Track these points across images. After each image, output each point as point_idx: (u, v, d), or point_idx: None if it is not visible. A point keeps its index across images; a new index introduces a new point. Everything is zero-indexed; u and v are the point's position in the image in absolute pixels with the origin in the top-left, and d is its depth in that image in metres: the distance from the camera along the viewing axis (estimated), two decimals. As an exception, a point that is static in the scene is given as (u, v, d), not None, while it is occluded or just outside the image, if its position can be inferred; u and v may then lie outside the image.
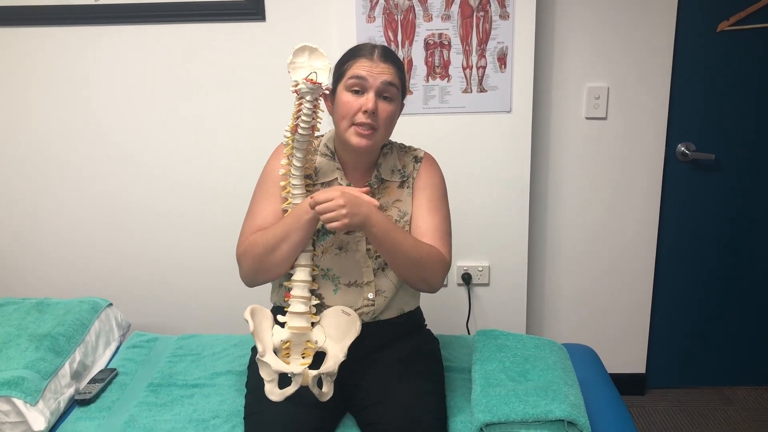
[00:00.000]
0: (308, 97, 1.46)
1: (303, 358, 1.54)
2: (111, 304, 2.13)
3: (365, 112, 1.50)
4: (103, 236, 2.50)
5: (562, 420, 1.47)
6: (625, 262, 2.57)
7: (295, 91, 1.47)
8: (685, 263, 2.61)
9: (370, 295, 1.62)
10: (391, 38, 2.25)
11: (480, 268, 2.47)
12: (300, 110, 1.48)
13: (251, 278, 1.60)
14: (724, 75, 2.41)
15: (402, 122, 1.80)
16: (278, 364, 1.47)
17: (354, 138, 1.52)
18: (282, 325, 1.55)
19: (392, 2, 2.22)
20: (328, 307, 1.60)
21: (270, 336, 1.53)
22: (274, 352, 1.51)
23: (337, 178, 1.62)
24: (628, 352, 2.67)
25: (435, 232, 1.62)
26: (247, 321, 1.50)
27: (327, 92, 1.53)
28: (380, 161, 1.66)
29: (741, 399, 2.68)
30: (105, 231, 2.50)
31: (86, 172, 2.44)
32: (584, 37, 2.34)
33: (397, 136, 1.70)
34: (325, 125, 1.65)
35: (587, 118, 2.42)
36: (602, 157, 2.46)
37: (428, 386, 1.59)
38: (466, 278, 2.47)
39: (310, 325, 1.55)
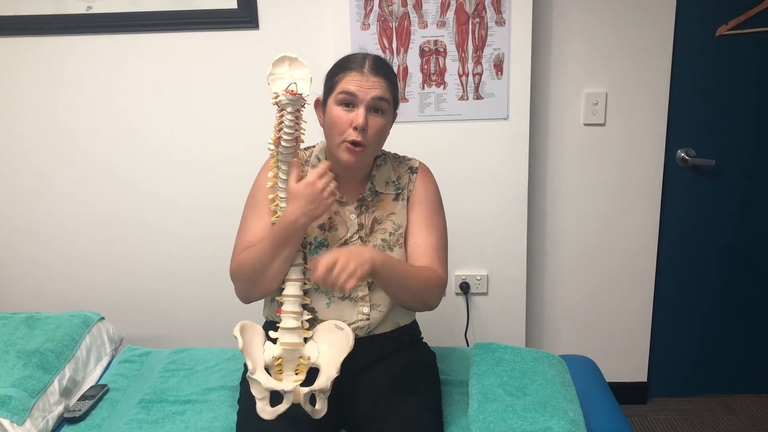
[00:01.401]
0: (289, 109, 1.44)
1: (296, 374, 1.51)
2: (103, 318, 2.11)
3: (356, 128, 1.48)
4: (96, 248, 2.48)
5: None
6: (625, 269, 2.55)
7: (276, 103, 1.45)
8: (686, 270, 2.58)
9: (365, 310, 1.59)
10: (386, 45, 2.23)
11: (478, 277, 2.44)
12: (282, 122, 1.46)
13: (245, 295, 1.58)
14: (724, 80, 2.39)
15: (397, 130, 1.78)
16: (269, 382, 1.44)
17: (344, 155, 1.51)
18: (274, 341, 1.52)
19: (387, 9, 2.20)
20: (322, 321, 1.57)
21: (261, 353, 1.50)
22: (266, 369, 1.48)
23: None
24: (629, 361, 2.64)
25: (432, 250, 1.61)
26: (236, 338, 1.47)
27: (307, 102, 1.49)
28: (374, 173, 1.64)
29: (744, 407, 2.65)
30: (99, 242, 2.48)
31: (78, 182, 2.42)
32: (582, 42, 2.33)
33: (392, 144, 1.67)
34: (314, 135, 1.63)
35: (585, 125, 2.40)
36: (601, 164, 2.44)
37: (424, 402, 1.57)
38: (465, 287, 2.45)
39: (302, 340, 1.52)
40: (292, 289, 1.52)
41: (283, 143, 1.47)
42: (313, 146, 1.67)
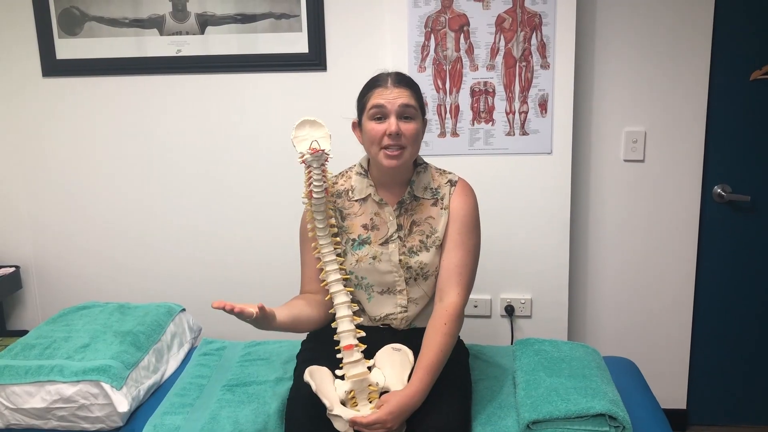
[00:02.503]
0: (315, 164, 1.61)
1: (370, 402, 1.64)
2: (184, 309, 2.35)
3: (390, 135, 1.66)
4: (177, 252, 2.73)
5: (603, 414, 1.59)
6: (664, 299, 2.66)
7: (303, 162, 1.62)
8: (724, 300, 2.67)
9: (403, 302, 1.76)
10: (440, 86, 2.46)
11: (522, 301, 2.59)
12: (311, 177, 1.63)
13: None
14: (758, 120, 2.52)
15: (449, 162, 1.98)
16: (349, 413, 1.59)
17: (385, 161, 1.69)
18: (342, 377, 1.66)
19: (441, 54, 2.44)
20: (366, 314, 1.78)
21: (333, 391, 1.63)
22: (343, 404, 1.62)
23: (370, 194, 1.79)
24: (668, 388, 2.72)
25: (455, 268, 1.75)
26: (308, 382, 1.61)
27: (330, 157, 1.64)
28: (413, 179, 1.80)
29: (785, 439, 2.70)
30: (178, 248, 2.73)
31: (163, 200, 2.70)
32: (622, 84, 2.50)
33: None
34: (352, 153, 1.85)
35: (626, 161, 2.55)
36: (641, 198, 2.58)
37: (456, 403, 1.68)
38: (509, 310, 2.60)
39: (367, 369, 1.65)
40: (344, 325, 1.66)
41: (314, 196, 1.63)
42: (348, 168, 1.87)
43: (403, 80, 1.73)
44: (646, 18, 2.45)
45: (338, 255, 1.71)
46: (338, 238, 1.75)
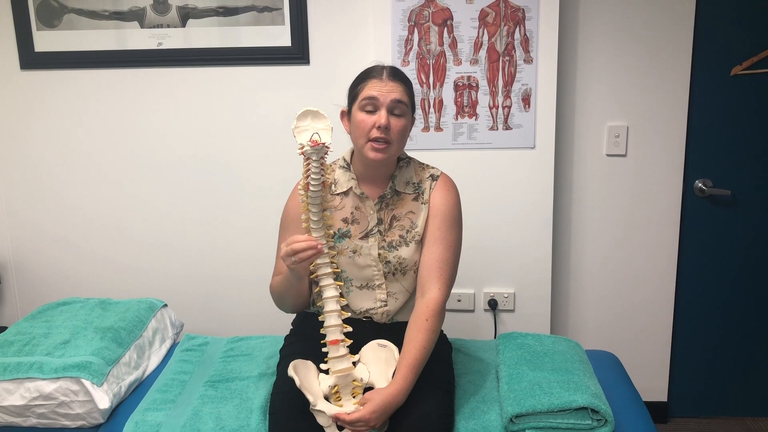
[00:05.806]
0: (314, 157, 1.58)
1: (353, 397, 1.64)
2: (166, 305, 2.33)
3: (379, 127, 1.66)
4: (160, 246, 2.71)
5: (586, 408, 1.61)
6: (646, 293, 2.68)
7: (302, 153, 1.59)
8: (705, 294, 2.70)
9: (383, 297, 1.76)
10: (424, 80, 2.45)
11: (506, 295, 2.60)
12: (309, 169, 1.59)
13: (280, 309, 1.85)
14: (739, 115, 2.54)
15: (433, 156, 1.96)
16: (332, 409, 1.58)
17: (371, 153, 1.69)
18: (326, 372, 1.65)
19: (425, 48, 2.43)
20: (351, 310, 1.77)
21: (317, 385, 1.63)
22: (326, 399, 1.62)
23: (352, 188, 1.79)
24: (650, 381, 2.74)
25: (436, 263, 1.74)
26: (292, 377, 1.60)
27: (330, 150, 1.60)
28: (396, 173, 1.80)
29: (763, 430, 2.72)
30: (162, 242, 2.71)
31: (144, 193, 2.67)
32: (604, 79, 2.51)
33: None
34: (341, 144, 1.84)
35: (608, 155, 2.57)
36: (623, 193, 2.60)
37: (438, 394, 1.68)
38: (492, 304, 2.61)
39: (352, 365, 1.65)
40: (331, 320, 1.64)
41: (311, 188, 1.61)
42: (333, 162, 1.85)
43: (398, 75, 1.73)
44: (628, 13, 2.46)
45: (330, 248, 1.69)
46: (331, 231, 1.73)
